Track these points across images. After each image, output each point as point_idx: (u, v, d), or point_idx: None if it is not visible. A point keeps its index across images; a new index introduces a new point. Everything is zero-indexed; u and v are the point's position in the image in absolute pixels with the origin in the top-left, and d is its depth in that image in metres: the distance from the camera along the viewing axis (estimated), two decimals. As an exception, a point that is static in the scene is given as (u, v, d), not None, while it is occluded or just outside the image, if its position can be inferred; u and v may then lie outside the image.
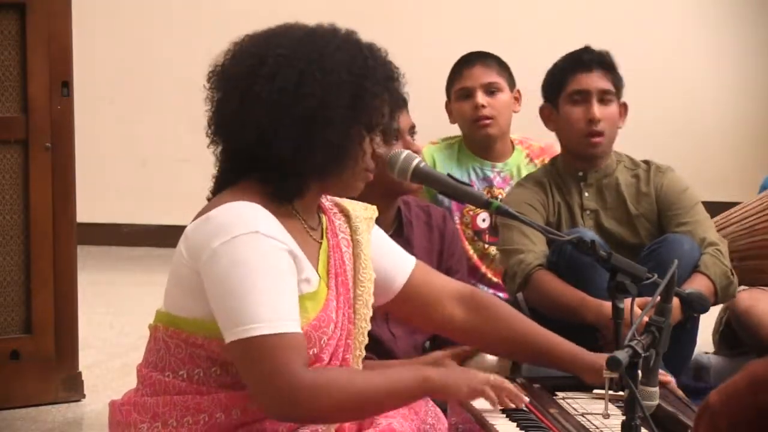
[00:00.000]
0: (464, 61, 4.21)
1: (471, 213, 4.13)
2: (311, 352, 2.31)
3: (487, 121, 4.10)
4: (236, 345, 2.22)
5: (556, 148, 4.13)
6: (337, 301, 2.41)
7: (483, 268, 4.12)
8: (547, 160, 4.10)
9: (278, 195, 2.33)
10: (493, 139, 4.15)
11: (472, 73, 4.15)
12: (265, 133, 2.29)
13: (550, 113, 3.76)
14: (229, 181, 2.38)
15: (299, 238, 2.34)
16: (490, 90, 4.12)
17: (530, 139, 4.30)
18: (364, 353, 2.51)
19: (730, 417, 1.72)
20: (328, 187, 2.40)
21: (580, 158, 3.73)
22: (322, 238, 2.45)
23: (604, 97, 3.67)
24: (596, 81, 3.67)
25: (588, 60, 3.68)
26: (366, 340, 2.50)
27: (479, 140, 4.16)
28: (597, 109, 3.64)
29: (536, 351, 2.70)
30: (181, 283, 2.32)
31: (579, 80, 3.67)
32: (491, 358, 3.27)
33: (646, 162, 3.80)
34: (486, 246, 4.12)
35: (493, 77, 4.14)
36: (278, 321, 2.21)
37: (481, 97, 4.10)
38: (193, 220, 2.33)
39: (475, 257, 4.12)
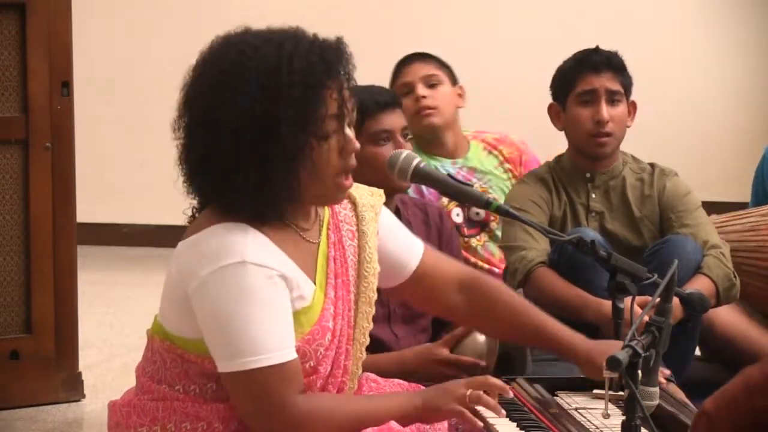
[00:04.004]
0: (402, 60, 4.24)
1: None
2: (308, 365, 2.30)
3: (429, 111, 4.10)
4: (229, 376, 2.23)
5: (512, 138, 4.18)
6: (335, 306, 2.38)
7: (473, 259, 4.11)
8: (505, 150, 4.16)
9: (256, 216, 2.28)
10: (438, 130, 4.13)
11: (411, 69, 4.15)
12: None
13: (558, 112, 3.76)
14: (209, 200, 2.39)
15: (291, 249, 2.31)
16: (430, 83, 4.13)
17: (483, 132, 4.29)
18: (365, 355, 2.49)
19: (727, 422, 1.73)
20: (301, 202, 2.33)
21: (587, 158, 3.73)
22: (319, 236, 2.41)
23: (612, 98, 3.67)
24: (605, 82, 3.67)
25: (597, 61, 3.68)
26: (367, 341, 2.49)
27: (425, 133, 4.13)
28: (605, 110, 3.64)
29: (537, 335, 2.67)
30: (172, 301, 2.32)
31: (588, 81, 3.67)
32: (481, 341, 3.25)
33: (651, 165, 3.79)
34: (466, 239, 4.12)
35: (432, 70, 4.15)
36: (270, 353, 2.20)
37: (421, 89, 4.10)
38: (183, 238, 2.31)
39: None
